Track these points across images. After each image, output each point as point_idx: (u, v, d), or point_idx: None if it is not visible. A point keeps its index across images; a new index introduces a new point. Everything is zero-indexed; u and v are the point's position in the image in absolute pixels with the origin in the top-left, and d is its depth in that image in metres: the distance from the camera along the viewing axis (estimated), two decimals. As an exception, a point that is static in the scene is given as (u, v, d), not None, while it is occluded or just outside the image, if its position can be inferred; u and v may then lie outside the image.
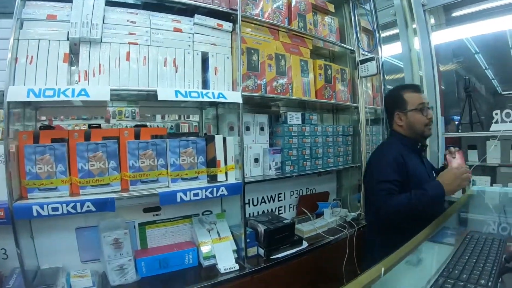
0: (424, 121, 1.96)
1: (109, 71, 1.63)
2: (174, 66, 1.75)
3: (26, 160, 1.51)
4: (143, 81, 1.68)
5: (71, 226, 1.72)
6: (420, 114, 1.96)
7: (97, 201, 1.52)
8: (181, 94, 1.67)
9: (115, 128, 1.87)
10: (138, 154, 1.63)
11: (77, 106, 1.89)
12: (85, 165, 1.57)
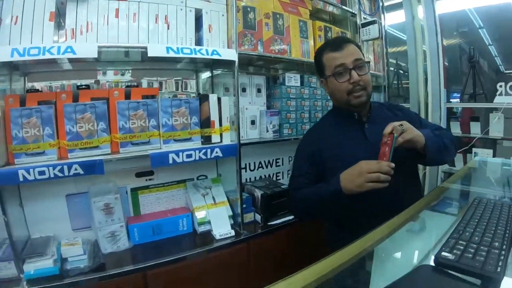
0: (344, 88, 1.46)
1: (97, 28, 1.55)
2: (165, 23, 1.67)
3: (13, 124, 1.44)
4: (133, 39, 1.60)
5: (61, 193, 1.67)
6: (337, 80, 1.47)
7: (85, 164, 1.46)
8: (173, 51, 1.58)
9: (104, 89, 1.78)
10: (129, 115, 1.55)
11: (66, 70, 1.81)
12: (73, 127, 1.50)
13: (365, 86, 1.45)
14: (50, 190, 1.64)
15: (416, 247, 1.07)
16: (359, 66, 1.43)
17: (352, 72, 1.42)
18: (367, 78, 1.46)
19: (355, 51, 1.45)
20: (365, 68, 1.45)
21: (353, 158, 1.40)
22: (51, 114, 1.48)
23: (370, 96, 1.51)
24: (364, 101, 1.46)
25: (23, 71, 1.75)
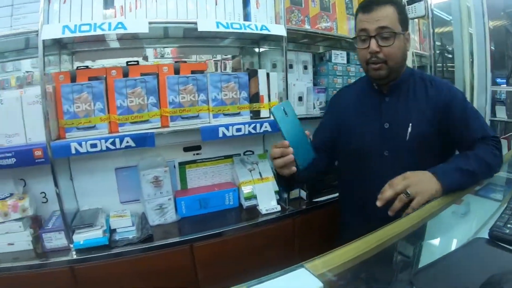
0: (363, 56, 1.32)
1: (146, 5, 1.57)
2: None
3: (64, 100, 1.49)
4: (181, 15, 1.61)
5: (111, 166, 1.73)
6: (358, 45, 1.34)
7: (137, 136, 1.50)
8: (223, 25, 1.58)
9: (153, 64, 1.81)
10: (178, 89, 1.57)
11: (113, 49, 1.85)
12: (124, 101, 1.53)
13: (384, 59, 1.26)
14: (100, 164, 1.70)
15: (462, 227, 1.09)
16: (382, 35, 1.24)
17: (371, 40, 1.25)
18: (390, 51, 1.25)
19: (384, 17, 1.23)
20: (390, 39, 1.24)
21: (359, 138, 1.39)
22: (102, 89, 1.53)
23: (394, 71, 1.31)
24: (382, 75, 1.29)
25: (70, 50, 1.80)
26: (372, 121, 1.36)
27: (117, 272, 1.50)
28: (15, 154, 1.44)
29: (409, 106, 1.32)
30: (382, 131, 1.34)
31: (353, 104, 1.46)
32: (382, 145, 1.33)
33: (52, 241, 1.54)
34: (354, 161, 1.42)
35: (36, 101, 1.48)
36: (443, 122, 1.29)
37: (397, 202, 1.03)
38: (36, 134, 1.49)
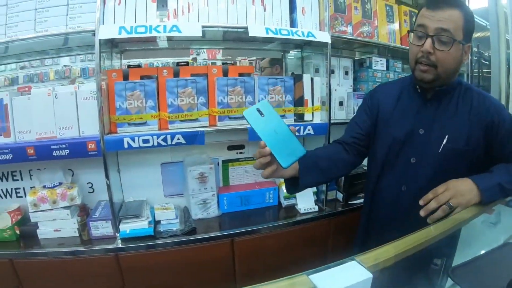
0: (414, 52, 1.21)
1: (198, 9, 1.64)
2: (262, 5, 1.72)
3: (117, 96, 1.57)
4: (232, 19, 1.67)
5: (157, 161, 1.81)
6: (412, 39, 1.23)
7: (187, 134, 1.57)
8: (272, 31, 1.64)
9: (203, 66, 1.89)
10: (227, 91, 1.64)
11: (161, 49, 1.93)
12: (175, 100, 1.61)
13: (435, 64, 1.16)
14: (147, 158, 1.79)
15: (492, 235, 1.14)
16: (440, 37, 1.13)
17: (427, 40, 1.14)
18: (444, 57, 1.15)
19: (449, 19, 1.13)
20: (448, 45, 1.13)
21: (389, 138, 1.33)
22: (154, 87, 1.61)
23: (441, 79, 1.20)
24: (427, 79, 1.19)
25: (120, 48, 1.89)
26: (407, 123, 1.29)
27: (159, 262, 1.58)
28: (69, 146, 1.54)
29: (449, 116, 1.24)
30: (415, 136, 1.27)
31: (392, 101, 1.38)
32: (411, 150, 1.28)
33: (98, 229, 1.63)
34: (379, 161, 1.37)
35: (90, 96, 1.57)
36: (483, 141, 1.22)
37: (440, 212, 1.04)
38: (88, 127, 1.59)
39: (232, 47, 2.05)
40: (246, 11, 1.69)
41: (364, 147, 1.41)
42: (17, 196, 1.88)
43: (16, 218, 1.75)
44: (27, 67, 3.79)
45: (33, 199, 1.65)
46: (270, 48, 2.08)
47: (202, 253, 1.63)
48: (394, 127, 1.32)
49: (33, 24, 1.61)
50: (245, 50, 2.11)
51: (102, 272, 1.59)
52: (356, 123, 1.43)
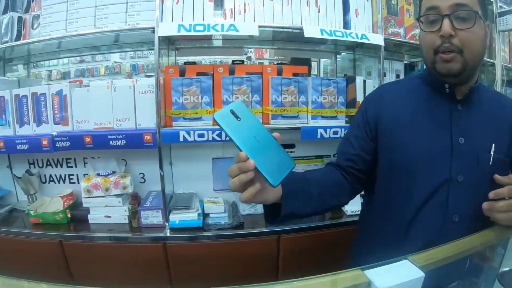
0: (430, 42, 0.98)
1: (253, 9, 1.69)
2: (316, 7, 1.75)
3: (173, 92, 1.63)
4: (286, 20, 1.70)
5: (208, 156, 1.87)
6: (423, 28, 1.01)
7: (241, 131, 1.60)
8: (326, 33, 1.67)
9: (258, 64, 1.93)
10: (281, 90, 1.67)
11: (215, 47, 1.98)
12: (230, 97, 1.66)
13: (460, 48, 0.94)
14: (199, 152, 1.85)
15: None
16: (459, 14, 0.92)
17: (444, 21, 0.92)
18: (469, 37, 0.93)
19: None
20: (470, 21, 0.92)
21: (418, 154, 1.04)
22: (209, 84, 1.66)
23: (470, 68, 0.98)
24: (454, 70, 0.96)
25: (175, 46, 1.94)
26: (439, 133, 1.03)
27: (206, 253, 1.64)
28: (125, 137, 1.62)
29: (488, 120, 1.03)
30: (455, 147, 1.01)
31: (406, 104, 1.11)
32: (455, 166, 1.00)
33: (148, 218, 1.70)
34: (405, 184, 1.07)
35: (148, 90, 1.64)
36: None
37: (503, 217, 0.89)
38: (145, 120, 1.66)
39: (285, 47, 2.08)
40: (301, 12, 1.72)
41: (361, 172, 1.15)
42: (70, 182, 1.98)
43: (68, 203, 1.85)
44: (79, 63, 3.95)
45: (87, 185, 1.73)
46: (322, 49, 2.10)
47: (248, 247, 1.66)
48: (419, 138, 1.05)
49: (93, 20, 1.69)
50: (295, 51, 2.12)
51: (148, 259, 1.65)
52: (350, 142, 1.17)
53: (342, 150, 1.19)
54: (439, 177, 1.01)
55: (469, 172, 1.00)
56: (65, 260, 1.72)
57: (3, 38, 1.82)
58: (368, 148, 1.14)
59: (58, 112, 1.75)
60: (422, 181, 1.03)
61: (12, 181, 2.08)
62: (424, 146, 1.04)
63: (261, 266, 1.71)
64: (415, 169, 1.04)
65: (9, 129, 1.84)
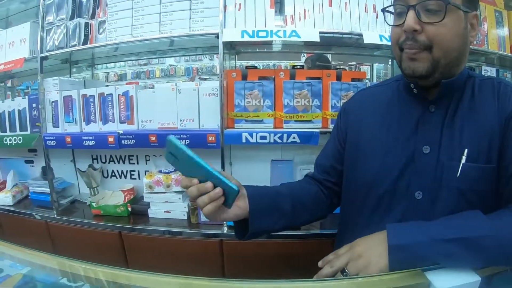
0: (395, 37, 0.88)
1: (313, 15, 1.73)
2: (374, 12, 1.77)
3: (236, 95, 1.70)
4: (346, 25, 1.74)
5: (267, 158, 1.92)
6: (389, 20, 0.91)
7: (303, 134, 1.67)
8: (385, 39, 1.69)
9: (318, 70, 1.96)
10: (340, 95, 1.71)
11: (274, 52, 2.04)
12: (291, 101, 1.71)
13: (427, 44, 0.82)
14: (258, 154, 1.91)
15: None
16: (427, 6, 0.80)
17: (409, 13, 0.81)
18: (438, 31, 0.81)
19: None
20: (439, 14, 0.79)
21: (376, 166, 0.95)
22: (271, 88, 1.72)
23: (442, 67, 0.84)
24: (422, 71, 0.84)
25: (236, 50, 2.01)
26: (403, 142, 0.92)
27: (261, 252, 1.69)
28: (190, 137, 1.70)
29: (465, 123, 0.87)
30: (417, 158, 0.89)
31: (377, 112, 1.01)
32: (414, 181, 0.89)
33: (205, 215, 1.76)
34: (363, 201, 0.98)
35: (212, 93, 1.72)
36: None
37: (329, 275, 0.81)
38: (208, 121, 1.74)
39: (340, 52, 2.12)
40: (360, 18, 1.75)
41: (337, 185, 1.09)
42: (131, 178, 2.10)
43: (129, 197, 1.96)
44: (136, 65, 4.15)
45: (149, 181, 1.83)
46: (379, 54, 2.12)
47: (303, 248, 1.69)
48: (381, 147, 0.95)
49: (157, 26, 1.78)
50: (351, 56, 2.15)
51: (204, 255, 1.73)
52: (327, 153, 1.12)
53: (319, 162, 1.14)
54: (395, 194, 0.91)
55: (430, 188, 0.87)
56: (123, 251, 1.84)
57: (70, 41, 1.93)
58: (341, 158, 1.07)
59: (124, 112, 1.86)
60: (375, 200, 0.95)
61: (75, 174, 2.23)
62: (383, 160, 0.93)
63: (313, 266, 1.74)
64: (370, 186, 0.95)
65: (76, 126, 1.98)
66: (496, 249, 0.70)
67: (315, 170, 1.13)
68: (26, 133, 2.11)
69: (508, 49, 2.16)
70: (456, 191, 0.84)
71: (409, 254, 0.73)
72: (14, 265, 0.91)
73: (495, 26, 2.12)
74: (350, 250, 0.81)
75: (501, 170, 0.83)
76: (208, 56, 3.55)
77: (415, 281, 0.69)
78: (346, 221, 1.07)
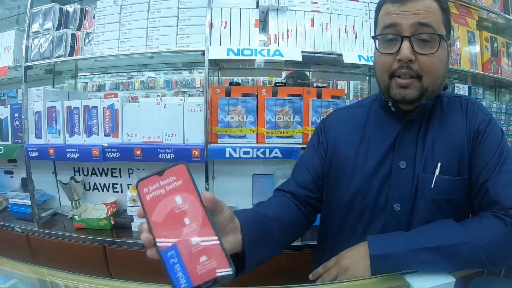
0: (386, 65, 0.92)
1: (296, 35, 1.81)
2: (353, 33, 1.86)
3: (220, 110, 1.75)
4: (326, 45, 1.81)
5: (249, 172, 1.96)
6: (380, 48, 0.95)
7: (285, 149, 1.73)
8: (364, 59, 1.78)
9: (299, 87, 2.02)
10: (320, 112, 1.78)
11: (255, 69, 2.09)
12: (273, 117, 1.77)
13: (419, 74, 0.88)
14: (240, 168, 1.94)
15: None
16: (421, 36, 0.86)
17: (404, 43, 0.86)
18: (431, 62, 0.87)
19: (426, 11, 0.86)
20: (433, 45, 0.86)
21: (356, 182, 1.00)
22: (254, 105, 1.77)
23: (428, 93, 0.91)
24: (410, 97, 0.90)
25: (219, 66, 2.06)
26: (381, 159, 0.98)
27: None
28: (174, 151, 1.74)
29: (436, 138, 0.95)
30: (394, 172, 0.95)
31: (355, 131, 1.05)
32: (392, 194, 0.95)
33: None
34: (344, 216, 1.03)
35: (197, 108, 1.76)
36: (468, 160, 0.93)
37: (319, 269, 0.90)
38: (192, 136, 1.79)
39: (321, 70, 2.19)
40: (340, 38, 1.83)
41: (319, 201, 1.09)
42: (113, 191, 2.10)
43: (112, 210, 1.97)
44: (115, 76, 4.15)
45: (132, 194, 1.85)
46: (357, 72, 2.21)
47: (285, 260, 1.69)
48: (360, 164, 1.00)
49: (144, 40, 1.83)
50: (332, 74, 2.23)
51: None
52: (307, 168, 1.10)
53: (299, 179, 1.09)
54: (375, 208, 0.97)
55: (407, 199, 0.94)
56: (106, 264, 1.84)
57: (56, 52, 1.94)
58: (322, 173, 1.08)
59: (109, 125, 1.87)
60: (356, 215, 1.00)
61: (56, 187, 2.22)
62: (363, 178, 0.99)
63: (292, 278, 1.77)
64: (351, 203, 1.01)
65: (59, 138, 1.97)
66: (469, 255, 0.76)
67: (294, 184, 1.08)
68: (7, 143, 2.09)
69: (479, 67, 2.29)
70: (431, 201, 0.92)
71: (389, 263, 0.79)
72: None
73: (467, 45, 2.25)
74: (337, 264, 0.86)
75: (472, 181, 0.91)
76: (188, 70, 3.60)
77: (395, 284, 0.74)
78: (326, 234, 1.11)
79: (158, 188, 0.59)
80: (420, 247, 0.78)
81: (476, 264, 0.79)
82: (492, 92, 2.85)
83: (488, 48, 2.37)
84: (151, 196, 0.58)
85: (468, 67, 2.23)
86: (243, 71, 2.17)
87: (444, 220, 0.86)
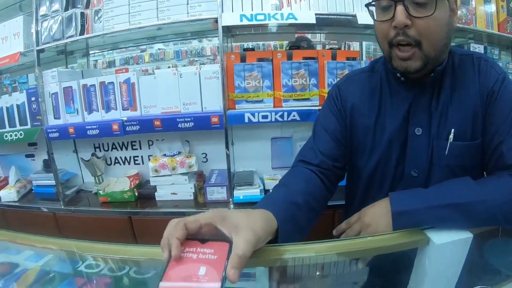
0: (383, 33, 0.87)
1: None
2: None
3: (236, 77, 1.76)
4: (340, 6, 1.80)
5: (267, 136, 1.99)
6: (375, 16, 0.90)
7: (302, 112, 1.75)
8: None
9: (314, 50, 2.03)
10: (336, 73, 1.79)
11: (268, 33, 2.09)
12: (289, 81, 1.78)
13: (417, 40, 0.82)
14: (258, 133, 1.97)
15: None
16: None
17: (398, 8, 0.80)
18: (428, 25, 0.81)
19: None
20: (429, 6, 0.79)
21: (373, 150, 1.01)
22: (270, 69, 1.78)
23: (432, 60, 0.86)
24: (413, 68, 0.86)
25: (232, 33, 2.06)
26: (398, 126, 0.97)
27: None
28: (193, 119, 1.76)
29: (449, 103, 0.93)
30: (411, 139, 0.95)
31: (370, 100, 1.03)
32: (410, 161, 0.96)
33: (213, 194, 1.85)
34: (367, 184, 1.06)
35: (213, 76, 1.78)
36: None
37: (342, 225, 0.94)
38: (210, 103, 1.80)
39: (335, 31, 2.18)
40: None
41: (342, 169, 1.07)
42: (134, 163, 2.15)
43: (135, 182, 2.02)
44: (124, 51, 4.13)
45: (154, 165, 1.89)
46: (369, 32, 2.18)
47: None
48: (375, 133, 1.00)
49: (155, 12, 1.81)
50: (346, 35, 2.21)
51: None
52: (329, 134, 1.05)
53: (322, 147, 1.04)
54: (394, 173, 0.99)
55: (423, 165, 0.95)
56: (133, 234, 1.91)
57: (67, 32, 1.95)
58: (344, 140, 1.06)
59: (127, 99, 1.90)
60: (378, 181, 1.03)
61: (78, 164, 2.26)
62: (380, 140, 0.99)
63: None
64: (374, 171, 1.02)
65: (78, 116, 2.00)
66: (485, 212, 0.76)
67: (316, 153, 1.03)
68: (26, 127, 2.11)
69: (495, 26, 2.24)
70: (446, 167, 0.93)
71: (408, 220, 0.79)
72: (30, 258, 0.91)
73: (483, 4, 2.20)
74: (359, 220, 0.89)
75: (485, 143, 0.91)
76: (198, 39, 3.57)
77: (416, 238, 0.76)
78: (352, 198, 1.14)
79: (192, 252, 0.59)
80: (437, 204, 0.78)
81: (492, 222, 0.79)
82: (508, 53, 2.77)
83: (504, 8, 2.30)
84: (183, 255, 0.59)
85: (483, 27, 2.17)
86: (254, 37, 2.16)
87: (462, 178, 0.84)
